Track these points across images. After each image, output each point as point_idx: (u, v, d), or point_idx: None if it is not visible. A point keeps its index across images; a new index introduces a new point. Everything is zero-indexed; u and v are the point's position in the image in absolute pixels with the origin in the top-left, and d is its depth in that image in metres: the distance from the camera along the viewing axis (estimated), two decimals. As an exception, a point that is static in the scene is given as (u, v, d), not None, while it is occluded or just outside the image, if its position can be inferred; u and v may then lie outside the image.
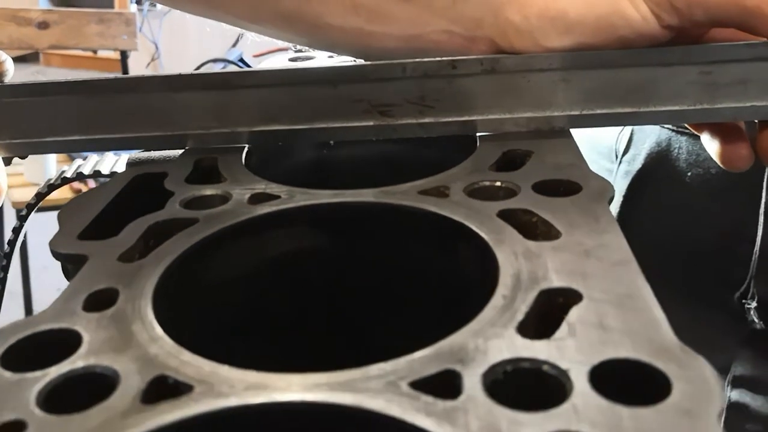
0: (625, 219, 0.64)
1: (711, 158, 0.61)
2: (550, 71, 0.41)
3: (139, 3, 3.68)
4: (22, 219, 0.54)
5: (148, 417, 0.22)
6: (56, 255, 0.33)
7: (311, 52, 0.61)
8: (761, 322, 0.60)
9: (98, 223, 0.36)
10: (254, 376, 0.23)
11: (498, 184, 0.35)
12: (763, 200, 0.58)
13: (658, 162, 0.63)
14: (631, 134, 0.66)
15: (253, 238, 0.34)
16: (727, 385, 0.62)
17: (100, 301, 0.28)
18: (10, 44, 2.76)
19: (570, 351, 0.23)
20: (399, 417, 0.21)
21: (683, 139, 0.61)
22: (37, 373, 0.24)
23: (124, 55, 3.06)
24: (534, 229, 0.32)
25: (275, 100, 0.42)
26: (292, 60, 0.60)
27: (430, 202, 0.34)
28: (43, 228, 0.50)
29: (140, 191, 0.40)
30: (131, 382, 0.23)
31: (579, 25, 0.40)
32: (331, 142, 0.48)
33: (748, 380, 0.61)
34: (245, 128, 0.43)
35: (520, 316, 0.25)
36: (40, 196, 0.54)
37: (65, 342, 0.26)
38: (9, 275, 0.57)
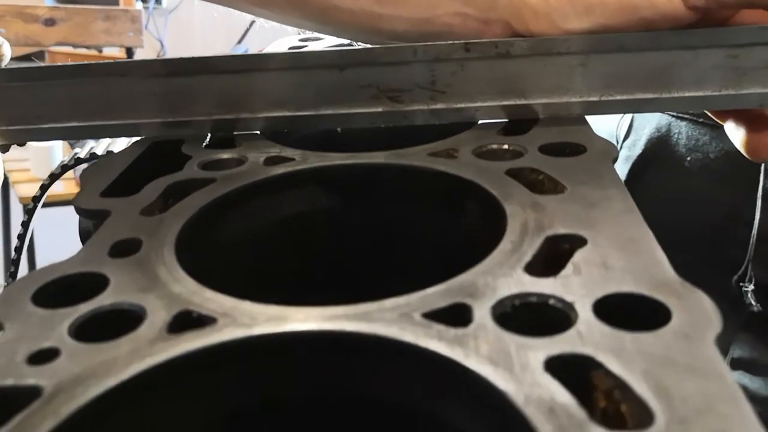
0: None
1: (710, 143, 0.61)
2: (568, 55, 0.39)
3: (145, 1, 3.70)
4: (29, 212, 0.55)
5: (175, 344, 0.23)
6: (80, 211, 0.34)
7: (318, 36, 0.61)
8: (758, 305, 0.61)
9: (116, 185, 0.37)
10: (274, 310, 0.24)
11: (505, 146, 0.37)
12: (761, 184, 0.59)
13: (658, 147, 0.64)
14: (632, 120, 0.66)
15: (269, 196, 0.35)
16: None
17: (124, 249, 0.29)
18: (17, 41, 2.78)
19: (575, 286, 0.24)
20: (412, 342, 0.22)
21: (683, 124, 0.62)
22: (68, 309, 0.25)
23: (129, 53, 3.07)
24: (541, 185, 0.33)
25: (279, 85, 0.41)
26: (301, 40, 0.61)
27: (440, 163, 0.35)
28: (48, 223, 0.50)
29: (157, 156, 0.41)
30: (157, 316, 0.25)
31: (600, 6, 0.38)
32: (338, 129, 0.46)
33: (746, 362, 0.62)
34: (248, 114, 0.41)
35: (527, 258, 0.26)
36: (44, 187, 0.55)
37: (93, 284, 0.27)
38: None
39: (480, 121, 0.41)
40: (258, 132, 0.42)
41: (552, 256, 0.27)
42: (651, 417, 0.19)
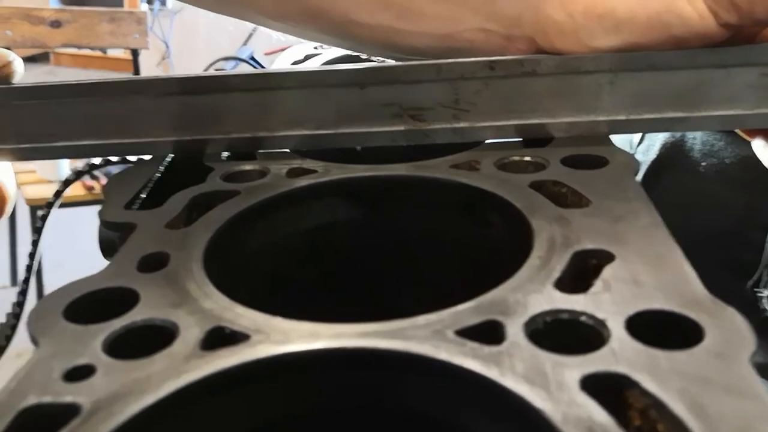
0: None
1: (725, 148, 0.61)
2: (596, 73, 0.38)
3: (150, 2, 3.70)
4: (43, 218, 0.54)
5: (210, 361, 0.23)
6: (105, 224, 0.34)
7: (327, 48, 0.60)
8: None
9: (139, 197, 0.38)
10: (307, 326, 0.24)
11: (527, 158, 0.37)
12: None
13: (673, 152, 0.64)
14: None
15: (293, 208, 0.35)
16: None
17: (152, 264, 0.29)
18: (23, 43, 2.79)
19: (606, 303, 0.24)
20: (447, 360, 0.22)
21: None
22: (100, 325, 0.25)
23: (135, 54, 3.08)
24: (564, 198, 0.33)
25: (298, 104, 0.40)
26: (308, 57, 0.61)
27: (463, 175, 0.35)
28: (55, 225, 0.50)
29: (179, 167, 0.41)
30: (190, 332, 0.25)
31: (629, 24, 0.37)
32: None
33: (761, 368, 0.63)
34: (267, 133, 0.40)
35: (556, 274, 0.26)
36: (58, 193, 0.55)
37: (123, 299, 0.27)
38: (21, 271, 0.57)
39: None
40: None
41: (580, 271, 0.27)
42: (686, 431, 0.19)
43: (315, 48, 0.61)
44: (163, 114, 0.41)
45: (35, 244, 0.56)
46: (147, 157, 0.42)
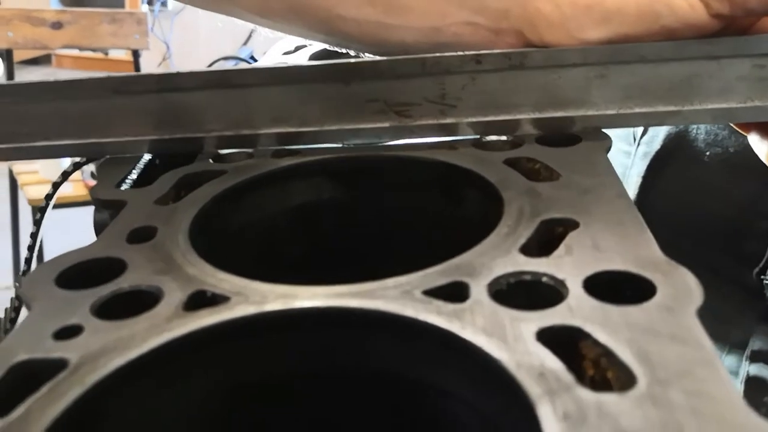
0: (644, 200, 0.64)
1: (729, 137, 0.60)
2: (584, 66, 0.37)
3: (150, 3, 3.72)
4: (42, 210, 0.54)
5: (190, 321, 0.24)
6: (97, 202, 0.35)
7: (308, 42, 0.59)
8: None
9: (131, 177, 0.39)
10: (283, 288, 0.26)
11: (504, 138, 0.38)
12: None
13: (677, 142, 0.64)
14: None
15: (277, 186, 0.36)
16: (746, 360, 0.63)
17: (141, 236, 0.31)
18: (24, 44, 2.80)
19: (567, 266, 0.26)
20: (413, 316, 0.23)
21: None
22: (89, 291, 0.27)
23: (136, 55, 3.09)
24: (537, 174, 0.34)
25: (282, 100, 0.39)
26: (299, 47, 0.62)
27: (441, 154, 0.37)
28: (57, 225, 0.49)
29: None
30: (173, 296, 0.26)
31: (618, 14, 0.37)
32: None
33: (766, 355, 0.62)
34: (249, 131, 0.39)
35: (522, 240, 0.28)
36: (56, 185, 0.55)
37: (112, 268, 0.28)
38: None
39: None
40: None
41: (546, 239, 0.29)
42: (633, 380, 0.20)
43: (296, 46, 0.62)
44: (142, 112, 0.40)
45: (33, 236, 0.55)
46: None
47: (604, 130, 0.38)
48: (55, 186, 0.53)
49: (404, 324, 0.24)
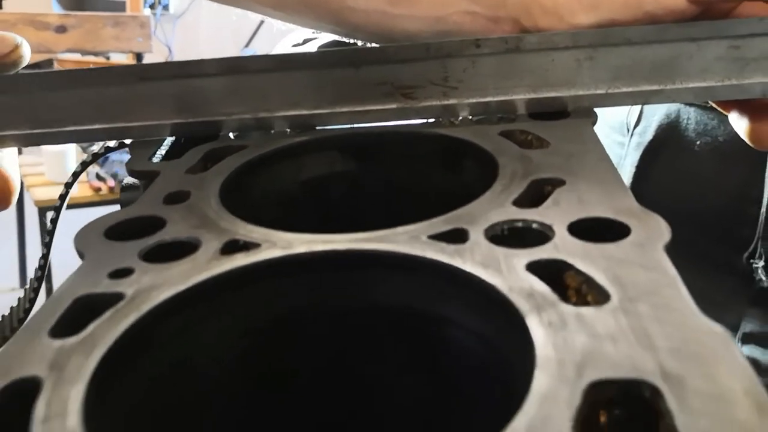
0: (637, 189, 0.65)
1: (718, 127, 0.62)
2: (575, 49, 0.40)
3: (153, 7, 3.76)
4: (57, 209, 0.53)
5: (227, 262, 0.28)
6: (132, 173, 0.39)
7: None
8: None
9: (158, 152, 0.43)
10: (307, 236, 0.29)
11: (499, 114, 0.42)
12: None
13: (669, 133, 0.65)
14: (642, 107, 0.67)
15: (292, 159, 0.40)
16: (738, 342, 0.65)
17: (176, 198, 0.35)
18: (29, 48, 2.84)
19: (553, 214, 0.29)
20: (420, 255, 0.27)
21: (691, 110, 0.63)
22: (136, 242, 0.31)
23: (139, 58, 3.14)
24: (530, 143, 0.38)
25: (297, 84, 0.42)
26: (306, 40, 0.66)
27: (441, 128, 0.40)
28: (62, 226, 0.50)
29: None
30: (210, 244, 0.30)
31: (606, 1, 0.40)
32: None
33: (757, 336, 0.65)
34: (266, 114, 0.42)
35: (515, 196, 0.32)
36: (76, 174, 0.56)
37: (154, 224, 0.32)
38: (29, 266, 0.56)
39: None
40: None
41: (537, 196, 0.32)
42: (608, 298, 0.24)
43: (312, 32, 0.66)
44: (165, 97, 0.42)
45: (51, 233, 0.54)
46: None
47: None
48: (68, 186, 0.51)
49: (412, 261, 0.27)
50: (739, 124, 0.43)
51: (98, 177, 2.51)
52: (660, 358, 0.21)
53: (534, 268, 0.26)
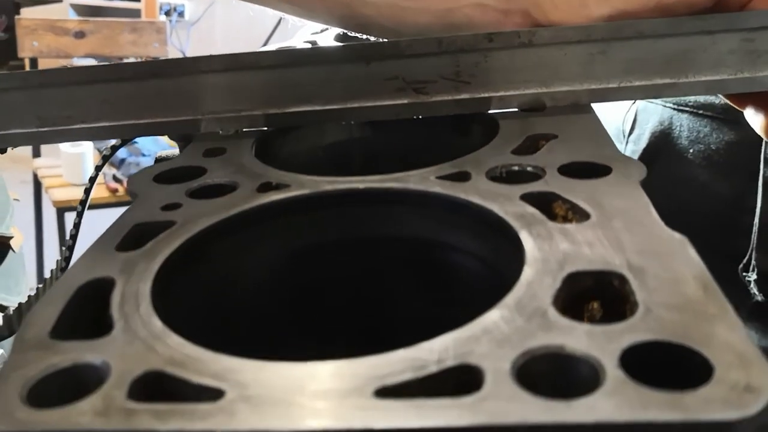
0: None
1: (711, 134, 0.61)
2: (588, 43, 0.40)
3: (168, 14, 3.83)
4: (79, 214, 0.53)
5: (263, 198, 0.33)
6: (173, 137, 0.44)
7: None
8: (762, 295, 0.60)
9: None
10: (331, 178, 0.34)
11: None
12: (761, 173, 0.59)
13: (662, 140, 0.64)
14: (636, 115, 0.67)
15: (315, 127, 0.45)
16: None
17: (214, 152, 0.39)
18: (48, 53, 2.91)
19: (546, 158, 0.34)
20: (427, 189, 0.32)
21: (684, 117, 0.63)
22: (182, 185, 0.35)
23: (155, 63, 3.19)
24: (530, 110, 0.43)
25: (307, 80, 0.41)
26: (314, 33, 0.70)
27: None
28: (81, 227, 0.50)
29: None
30: (247, 185, 0.34)
31: None
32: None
33: None
34: (276, 110, 0.41)
35: (513, 146, 0.36)
36: (98, 168, 0.56)
37: (195, 172, 0.37)
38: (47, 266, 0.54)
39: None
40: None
41: (533, 148, 0.37)
42: (588, 216, 0.28)
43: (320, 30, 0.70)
44: (176, 94, 0.42)
45: (77, 226, 0.52)
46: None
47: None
48: (87, 191, 0.52)
49: (421, 195, 0.32)
50: (755, 120, 0.42)
51: (115, 179, 2.57)
52: (627, 256, 0.25)
53: (527, 198, 0.30)
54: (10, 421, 0.19)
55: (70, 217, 2.68)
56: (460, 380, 0.20)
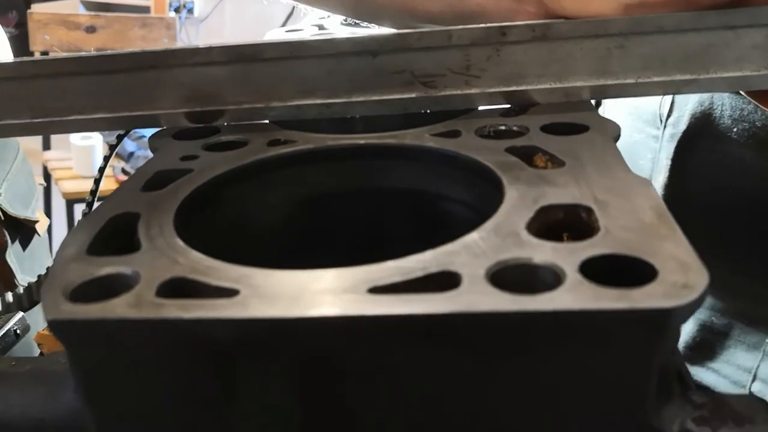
0: (674, 182, 0.62)
1: (755, 111, 0.58)
2: (605, 37, 0.38)
3: (178, 11, 3.88)
4: (89, 204, 0.52)
5: (272, 150, 0.36)
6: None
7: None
8: None
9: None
10: (335, 136, 0.37)
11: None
12: None
13: (703, 121, 0.62)
14: (673, 97, 0.65)
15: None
16: None
17: (227, 116, 0.43)
18: (60, 47, 2.95)
19: (529, 120, 0.37)
20: (422, 144, 0.35)
21: (725, 95, 0.60)
22: (198, 141, 0.39)
23: (164, 59, 3.23)
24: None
25: (310, 73, 0.40)
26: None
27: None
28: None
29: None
30: (258, 141, 0.38)
31: None
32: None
33: None
34: (279, 103, 0.40)
35: (500, 110, 0.39)
36: (106, 158, 0.58)
37: (209, 131, 0.40)
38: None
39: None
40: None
41: (520, 113, 0.40)
42: (563, 164, 0.31)
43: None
44: (175, 86, 0.40)
45: (93, 197, 0.55)
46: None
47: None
48: (96, 182, 0.51)
49: (416, 149, 0.35)
50: None
51: (123, 171, 2.61)
52: (594, 193, 0.28)
53: (511, 150, 0.34)
54: (57, 311, 0.23)
55: (79, 209, 2.72)
56: (441, 284, 0.23)
